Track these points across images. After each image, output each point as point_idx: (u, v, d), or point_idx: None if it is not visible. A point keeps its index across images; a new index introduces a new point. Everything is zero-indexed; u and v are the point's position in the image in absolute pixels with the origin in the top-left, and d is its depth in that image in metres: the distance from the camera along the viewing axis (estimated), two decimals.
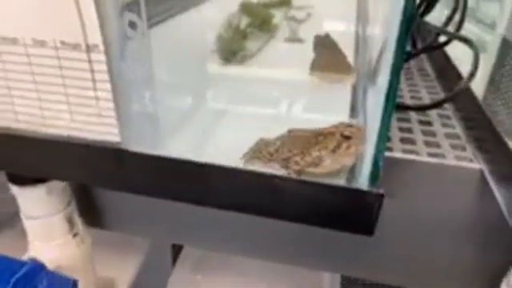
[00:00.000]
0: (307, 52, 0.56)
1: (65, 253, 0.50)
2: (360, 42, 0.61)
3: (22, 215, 0.48)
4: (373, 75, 0.31)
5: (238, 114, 0.48)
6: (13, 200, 0.49)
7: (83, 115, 0.31)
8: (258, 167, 0.32)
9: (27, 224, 0.49)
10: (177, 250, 0.84)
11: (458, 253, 0.42)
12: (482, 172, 0.37)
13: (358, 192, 0.28)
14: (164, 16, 0.55)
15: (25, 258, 0.49)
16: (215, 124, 0.44)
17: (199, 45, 0.56)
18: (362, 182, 0.28)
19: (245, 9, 0.68)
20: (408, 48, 0.56)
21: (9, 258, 0.48)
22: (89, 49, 0.28)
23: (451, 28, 0.53)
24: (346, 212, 0.30)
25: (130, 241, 0.77)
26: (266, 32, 0.67)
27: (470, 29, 0.54)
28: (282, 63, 0.62)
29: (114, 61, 0.29)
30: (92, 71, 0.29)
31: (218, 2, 0.77)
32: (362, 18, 0.70)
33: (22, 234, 0.51)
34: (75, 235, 0.50)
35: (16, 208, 0.49)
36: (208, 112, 0.47)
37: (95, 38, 0.28)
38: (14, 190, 0.47)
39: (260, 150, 0.34)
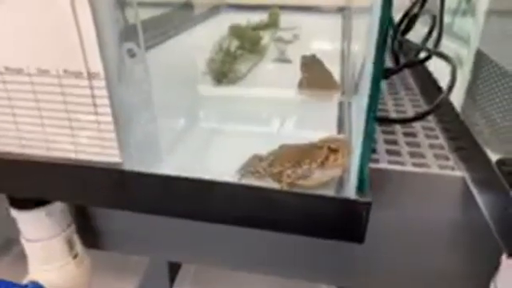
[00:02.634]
0: (295, 71, 0.58)
1: (65, 274, 0.50)
2: (345, 60, 0.64)
3: (22, 238, 0.49)
4: (355, 89, 0.33)
5: (230, 132, 0.50)
6: (9, 225, 0.49)
7: (85, 138, 0.33)
8: (252, 182, 0.33)
9: (27, 247, 0.49)
10: (174, 271, 0.85)
11: (445, 257, 0.44)
12: (464, 179, 0.39)
13: (347, 201, 0.30)
14: (156, 41, 0.58)
15: (25, 281, 0.50)
16: (208, 142, 0.45)
17: (191, 67, 0.58)
18: (350, 191, 0.30)
19: (234, 32, 0.71)
20: (390, 64, 0.59)
21: (9, 282, 0.49)
22: (90, 76, 0.30)
23: (430, 44, 0.55)
24: (336, 221, 0.31)
25: (127, 262, 0.78)
26: (255, 53, 0.69)
27: (447, 44, 0.56)
28: (271, 83, 0.64)
29: (113, 86, 0.31)
30: (93, 97, 0.31)
31: (208, 27, 0.80)
32: (346, 37, 0.73)
33: (18, 259, 0.51)
34: (75, 256, 0.51)
35: (12, 233, 0.50)
36: (201, 131, 0.49)
37: (96, 66, 0.30)
38: (14, 213, 0.48)
39: (254, 165, 0.36)
